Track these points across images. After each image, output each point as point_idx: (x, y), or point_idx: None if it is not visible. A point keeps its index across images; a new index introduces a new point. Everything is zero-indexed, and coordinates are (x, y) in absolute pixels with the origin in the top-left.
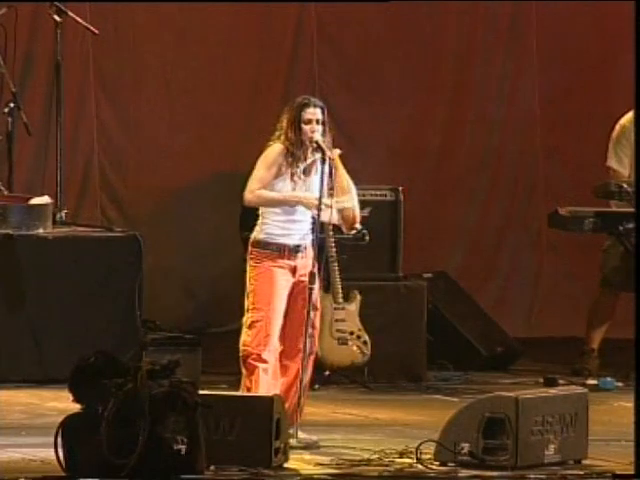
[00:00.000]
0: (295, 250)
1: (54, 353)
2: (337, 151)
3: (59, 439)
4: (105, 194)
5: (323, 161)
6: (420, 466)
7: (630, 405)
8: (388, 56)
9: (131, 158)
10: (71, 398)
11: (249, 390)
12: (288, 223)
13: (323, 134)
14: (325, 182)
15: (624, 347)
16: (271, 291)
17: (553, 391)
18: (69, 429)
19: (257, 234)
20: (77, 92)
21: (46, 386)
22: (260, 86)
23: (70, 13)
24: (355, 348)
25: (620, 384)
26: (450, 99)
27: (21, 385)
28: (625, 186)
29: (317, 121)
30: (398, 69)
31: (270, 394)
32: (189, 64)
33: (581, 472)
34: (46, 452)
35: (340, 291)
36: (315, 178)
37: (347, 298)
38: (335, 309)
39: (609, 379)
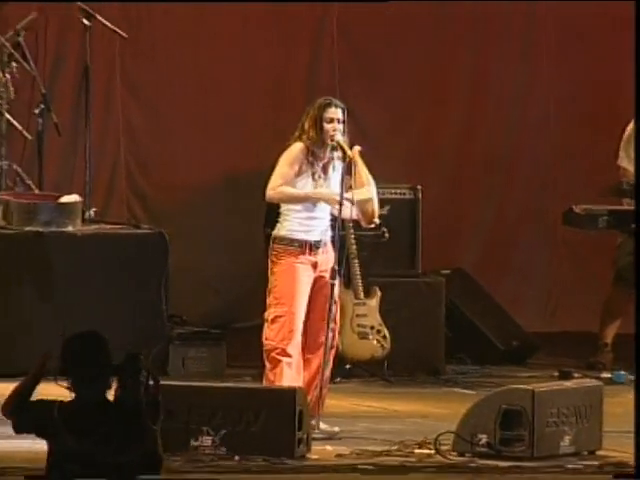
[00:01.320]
0: (316, 246)
1: None
2: (357, 148)
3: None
4: (131, 192)
5: (344, 159)
6: (439, 456)
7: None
8: (406, 58)
9: (156, 157)
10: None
11: (272, 383)
12: (308, 220)
13: (343, 133)
14: (345, 180)
15: (630, 342)
16: (293, 286)
17: (568, 384)
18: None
19: (278, 231)
20: (104, 94)
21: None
22: (282, 87)
23: (99, 17)
24: (375, 342)
25: (632, 377)
26: (467, 100)
27: (49, 378)
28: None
29: (338, 120)
30: (416, 70)
31: (293, 386)
32: (213, 66)
33: (596, 462)
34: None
35: (361, 287)
36: (334, 175)
37: (368, 294)
38: (356, 304)
39: (622, 372)
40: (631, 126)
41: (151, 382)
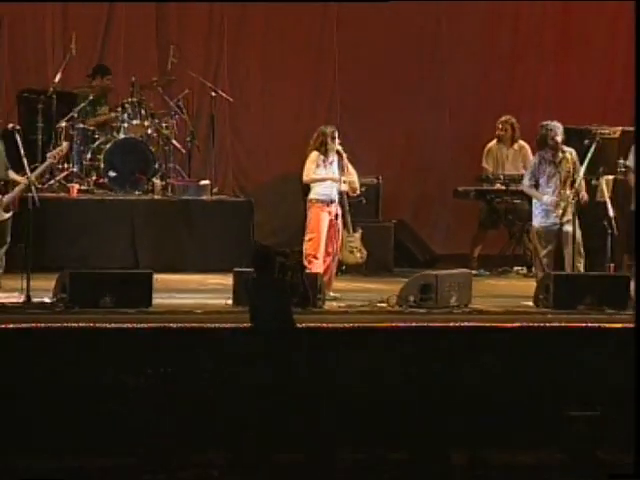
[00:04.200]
0: (330, 203)
1: (209, 258)
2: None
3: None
4: (235, 179)
5: (340, 159)
6: (389, 307)
7: (492, 282)
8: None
9: (258, 149)
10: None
11: (309, 271)
12: (324, 189)
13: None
14: (341, 169)
15: (486, 257)
16: (318, 224)
17: (454, 271)
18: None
19: (311, 195)
20: (221, 112)
21: (207, 274)
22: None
23: (220, 92)
24: (358, 255)
25: (488, 273)
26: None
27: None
28: (491, 176)
29: (336, 138)
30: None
31: (317, 272)
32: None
33: (467, 309)
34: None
35: (351, 227)
36: (334, 167)
37: (354, 230)
38: (348, 236)
39: (482, 270)
40: (491, 144)
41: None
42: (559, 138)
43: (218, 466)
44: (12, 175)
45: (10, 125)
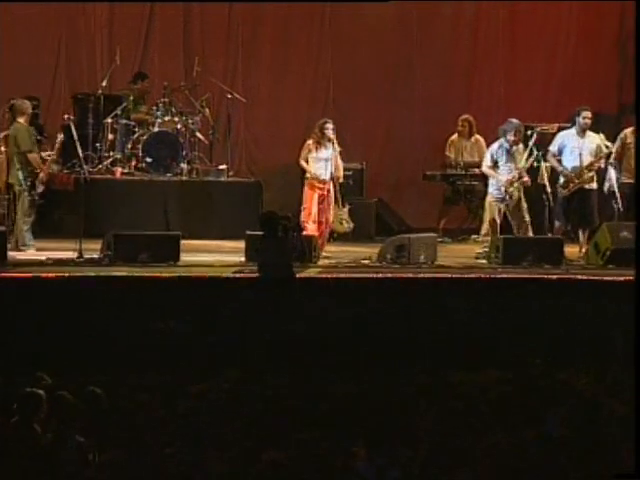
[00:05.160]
0: (323, 182)
1: (226, 228)
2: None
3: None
4: (249, 159)
5: (333, 145)
6: (370, 263)
7: (454, 247)
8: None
9: (265, 141)
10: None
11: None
12: (317, 170)
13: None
14: (333, 156)
15: (449, 229)
16: (310, 198)
17: (422, 235)
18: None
19: (306, 175)
20: (236, 110)
21: (224, 240)
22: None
23: (236, 95)
24: (346, 225)
25: (450, 240)
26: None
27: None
28: (453, 163)
29: (330, 128)
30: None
31: (312, 235)
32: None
33: (433, 265)
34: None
35: (340, 203)
36: (327, 152)
37: (343, 205)
38: (338, 210)
39: (446, 238)
40: (453, 137)
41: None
42: (512, 136)
43: (233, 379)
44: (34, 156)
45: (66, 116)
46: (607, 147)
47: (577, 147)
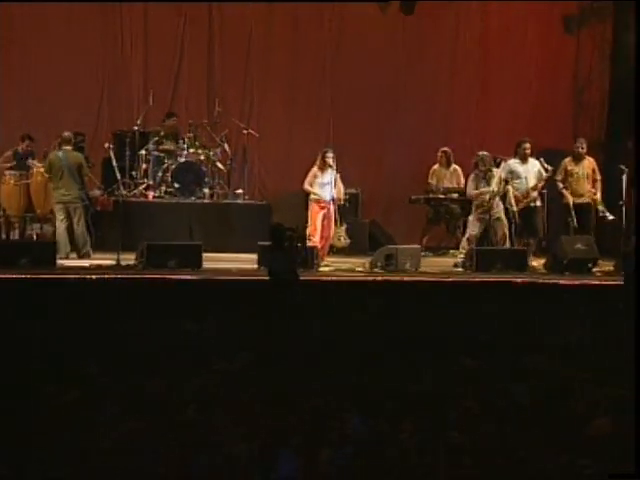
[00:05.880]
0: (323, 202)
1: (241, 242)
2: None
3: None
4: (261, 185)
5: (333, 171)
6: (366, 270)
7: (435, 259)
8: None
9: (275, 170)
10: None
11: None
12: (321, 193)
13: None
14: (334, 182)
15: (431, 246)
16: (315, 216)
17: (408, 246)
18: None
19: (310, 197)
20: (251, 144)
21: (239, 253)
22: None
23: (251, 132)
24: (344, 241)
25: (431, 254)
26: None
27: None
28: (434, 189)
29: (330, 157)
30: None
31: (315, 246)
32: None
33: (417, 271)
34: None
35: (339, 221)
36: (328, 178)
37: (342, 224)
38: (337, 228)
39: (428, 252)
40: (434, 166)
41: (300, 243)
42: (484, 166)
43: (247, 361)
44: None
45: (106, 145)
46: (546, 169)
47: (523, 172)
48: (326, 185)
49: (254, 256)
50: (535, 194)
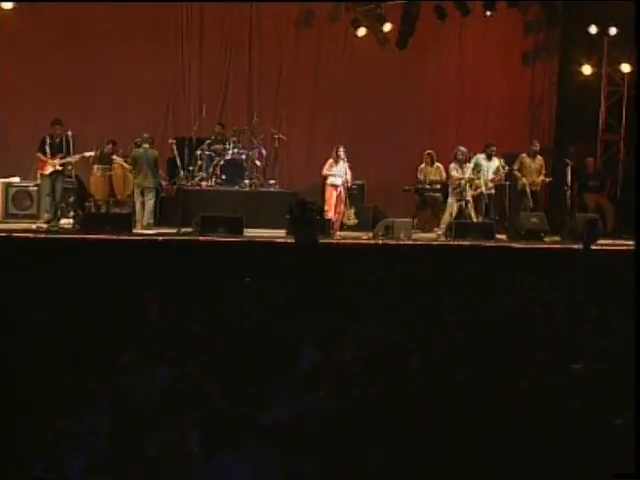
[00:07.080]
0: (336, 186)
1: (273, 221)
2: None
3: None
4: (288, 178)
5: (344, 162)
6: (368, 238)
7: (422, 234)
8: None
9: (299, 165)
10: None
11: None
12: (334, 178)
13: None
14: (345, 169)
15: (420, 227)
16: (331, 196)
17: (402, 219)
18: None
19: (327, 181)
20: (281, 146)
21: (272, 229)
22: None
23: (281, 135)
24: (352, 220)
25: (419, 231)
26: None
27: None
28: (422, 181)
29: (342, 151)
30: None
31: (330, 219)
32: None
33: (409, 239)
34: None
35: (349, 205)
36: (340, 167)
37: (351, 207)
38: (347, 210)
39: (417, 230)
40: (422, 165)
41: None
42: (462, 156)
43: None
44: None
45: (170, 140)
46: (503, 167)
47: (485, 167)
48: (338, 173)
49: (283, 231)
50: (491, 185)
